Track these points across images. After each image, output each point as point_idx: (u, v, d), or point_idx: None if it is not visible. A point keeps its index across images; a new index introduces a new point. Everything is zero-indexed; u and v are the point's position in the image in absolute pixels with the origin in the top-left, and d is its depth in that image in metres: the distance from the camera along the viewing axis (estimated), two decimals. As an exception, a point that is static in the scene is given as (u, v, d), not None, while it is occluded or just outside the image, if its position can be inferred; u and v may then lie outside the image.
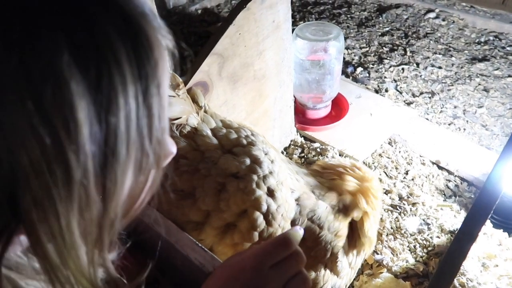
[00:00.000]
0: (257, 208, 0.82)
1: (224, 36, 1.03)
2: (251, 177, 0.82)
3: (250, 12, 1.07)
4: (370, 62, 2.06)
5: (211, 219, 0.83)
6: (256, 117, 1.29)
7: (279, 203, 0.84)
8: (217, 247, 0.84)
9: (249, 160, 0.84)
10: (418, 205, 1.31)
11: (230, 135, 0.88)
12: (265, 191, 0.83)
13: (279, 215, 0.84)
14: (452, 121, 1.73)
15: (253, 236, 0.82)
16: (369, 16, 2.39)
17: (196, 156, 0.84)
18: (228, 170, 0.83)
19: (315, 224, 0.89)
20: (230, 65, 1.09)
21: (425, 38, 2.16)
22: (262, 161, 0.84)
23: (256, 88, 1.23)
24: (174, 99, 0.81)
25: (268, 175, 0.84)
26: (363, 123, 1.63)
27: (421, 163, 1.52)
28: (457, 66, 1.98)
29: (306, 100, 1.59)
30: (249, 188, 0.82)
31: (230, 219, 0.83)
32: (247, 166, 0.83)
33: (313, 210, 0.90)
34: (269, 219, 0.83)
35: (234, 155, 0.85)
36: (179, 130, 0.83)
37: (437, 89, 1.88)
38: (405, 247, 1.22)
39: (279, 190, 0.84)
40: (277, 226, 0.84)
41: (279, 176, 0.86)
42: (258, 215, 0.82)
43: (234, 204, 0.82)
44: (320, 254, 0.90)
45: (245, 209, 0.82)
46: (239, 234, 0.82)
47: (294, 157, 1.50)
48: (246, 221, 0.82)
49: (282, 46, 1.25)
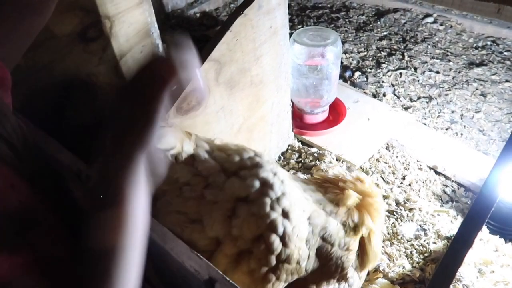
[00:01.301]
0: (273, 231, 0.79)
1: (221, 42, 1.03)
2: (263, 201, 0.80)
3: (247, 18, 1.08)
4: (368, 67, 2.06)
5: (223, 246, 0.80)
6: (253, 122, 1.29)
7: (294, 224, 0.82)
8: (231, 275, 0.81)
9: (259, 183, 0.82)
10: (415, 210, 1.31)
11: (232, 158, 0.86)
12: (280, 213, 0.81)
13: (295, 236, 0.82)
14: (450, 126, 1.73)
15: (270, 260, 0.79)
16: (367, 21, 2.40)
17: (200, 182, 0.82)
18: (236, 195, 0.81)
19: (327, 242, 0.88)
20: (227, 71, 1.10)
21: (423, 42, 2.17)
22: (273, 183, 0.82)
23: (253, 93, 1.23)
24: (166, 130, 0.80)
25: (281, 197, 0.82)
26: (360, 128, 1.63)
27: (418, 168, 1.53)
28: (455, 71, 1.99)
29: (304, 105, 1.59)
30: (263, 212, 0.79)
31: (244, 246, 0.80)
32: (258, 190, 0.81)
33: (324, 228, 0.88)
34: (286, 241, 0.80)
35: (240, 178, 0.83)
36: (176, 159, 0.82)
37: (434, 94, 1.88)
38: (402, 253, 1.22)
39: (293, 211, 0.83)
40: (293, 247, 0.82)
41: (291, 196, 0.84)
42: (275, 238, 0.79)
43: (247, 230, 0.79)
44: (331, 270, 0.89)
45: (260, 234, 0.80)
46: (255, 260, 0.80)
47: (292, 162, 1.51)
48: (263, 245, 0.79)
49: (279, 51, 1.25)
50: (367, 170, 1.50)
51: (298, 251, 0.82)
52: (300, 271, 0.84)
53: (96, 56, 1.53)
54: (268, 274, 0.80)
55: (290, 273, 0.82)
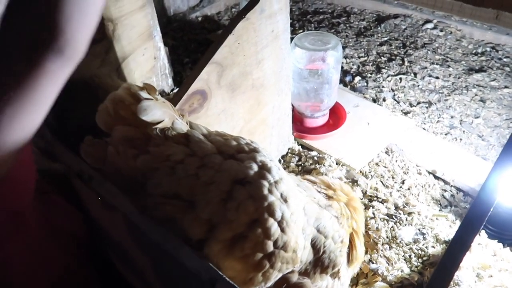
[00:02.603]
0: (271, 214, 0.75)
1: (223, 45, 1.04)
2: (261, 183, 0.76)
3: (250, 22, 1.09)
4: (368, 72, 2.07)
5: (216, 232, 0.76)
6: (254, 125, 1.30)
7: (292, 210, 0.79)
8: (223, 262, 0.77)
9: (257, 166, 0.79)
10: (414, 214, 1.32)
11: (229, 142, 0.83)
12: (278, 197, 0.78)
13: (293, 222, 0.79)
14: (449, 131, 1.74)
15: (266, 246, 0.76)
16: (367, 26, 2.42)
17: (194, 162, 0.78)
18: (233, 176, 0.77)
19: (321, 234, 0.88)
20: (229, 74, 1.11)
21: (422, 48, 2.18)
22: (271, 167, 0.79)
23: (254, 96, 1.24)
24: (152, 102, 0.76)
25: (279, 181, 0.79)
26: (360, 132, 1.64)
27: (417, 172, 1.54)
28: (454, 77, 2.00)
29: (304, 109, 1.60)
30: (261, 194, 0.76)
31: (239, 229, 0.76)
32: (256, 172, 0.78)
33: (319, 219, 0.88)
34: (283, 227, 0.77)
35: (237, 160, 0.79)
36: (163, 134, 0.78)
37: (434, 99, 1.89)
38: (401, 257, 1.22)
39: (291, 197, 0.80)
40: (291, 234, 0.79)
41: (288, 183, 0.82)
42: (272, 223, 0.76)
43: (244, 212, 0.75)
44: (324, 263, 0.89)
45: (256, 218, 0.76)
46: (250, 245, 0.75)
47: (292, 165, 1.51)
48: (259, 230, 0.75)
49: (280, 55, 1.27)
50: (367, 174, 1.50)
51: (296, 239, 0.80)
52: (296, 260, 0.82)
53: (99, 58, 1.54)
54: (262, 261, 0.77)
55: (285, 262, 0.79)
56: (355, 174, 1.47)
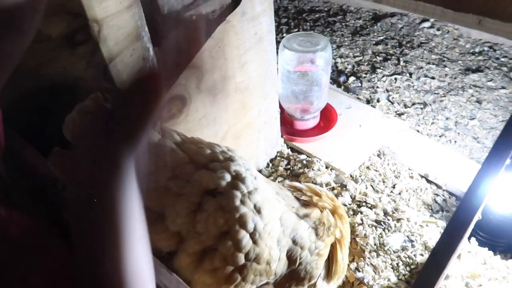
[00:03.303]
0: (242, 226, 0.74)
1: (202, 49, 1.01)
2: (233, 193, 0.75)
3: (230, 25, 1.06)
4: (363, 72, 2.04)
5: (185, 244, 0.75)
6: (239, 129, 1.28)
7: (266, 221, 0.78)
8: (193, 275, 0.76)
9: (230, 176, 0.78)
10: (403, 221, 1.29)
11: (203, 151, 0.82)
12: (251, 208, 0.76)
13: (266, 234, 0.77)
14: (444, 133, 1.70)
15: (237, 258, 0.75)
16: (364, 25, 2.38)
17: (165, 173, 0.77)
18: (204, 187, 0.76)
19: (297, 245, 0.86)
20: (210, 78, 1.08)
21: (419, 47, 2.14)
22: (245, 177, 0.78)
23: (238, 100, 1.21)
24: None
25: (254, 191, 0.78)
26: (351, 135, 1.61)
27: (409, 176, 1.50)
28: (451, 77, 1.96)
29: (294, 111, 1.57)
30: (232, 205, 0.74)
31: (209, 242, 0.75)
32: (228, 183, 0.77)
33: (295, 229, 0.86)
34: (256, 239, 0.76)
35: (209, 170, 0.79)
36: None
37: (429, 100, 1.86)
38: (388, 265, 1.19)
39: (266, 208, 0.79)
40: (264, 246, 0.77)
41: (264, 193, 0.81)
42: (244, 235, 0.75)
43: (213, 225, 0.74)
44: (300, 276, 0.87)
45: (226, 230, 0.75)
46: (219, 258, 0.75)
47: (280, 169, 1.49)
48: (229, 242, 0.74)
49: (265, 58, 1.24)
50: (357, 178, 1.47)
51: (269, 250, 0.78)
52: (270, 273, 0.80)
53: (84, 59, 1.51)
54: (233, 274, 0.76)
55: (258, 274, 0.78)
56: (344, 178, 1.44)
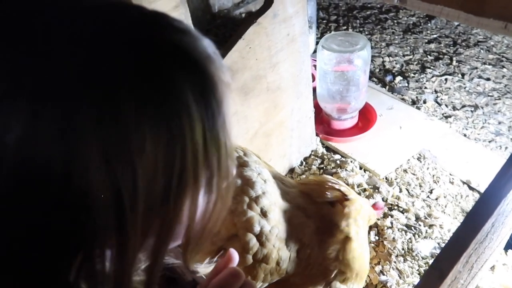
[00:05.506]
0: (249, 229, 0.80)
1: (233, 50, 1.06)
2: (242, 198, 0.82)
3: (261, 26, 1.09)
4: (411, 71, 1.97)
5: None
6: (271, 127, 1.31)
7: (272, 224, 0.83)
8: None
9: (240, 181, 0.84)
10: (435, 227, 1.25)
11: None
12: (258, 212, 0.82)
13: (273, 236, 0.83)
14: (494, 138, 1.61)
15: (245, 259, 0.80)
16: (417, 22, 2.29)
17: None
18: None
19: (305, 245, 0.88)
20: (240, 78, 1.12)
21: (475, 46, 2.02)
22: (255, 182, 0.84)
23: (270, 99, 1.25)
24: None
25: (261, 196, 0.83)
26: (390, 137, 1.58)
27: (449, 181, 1.44)
28: (508, 78, 1.83)
29: (331, 111, 1.57)
30: (240, 209, 0.81)
31: (220, 243, 0.82)
32: (238, 188, 0.83)
33: (303, 230, 0.89)
34: (263, 240, 0.81)
35: None
36: None
37: (481, 103, 1.76)
38: (414, 271, 1.17)
39: (273, 211, 0.84)
40: (272, 247, 0.83)
41: (272, 197, 0.85)
42: (251, 237, 0.80)
43: (224, 227, 0.81)
44: (314, 274, 0.89)
45: (235, 232, 0.81)
46: None
47: (313, 168, 1.50)
48: (237, 244, 0.80)
49: (298, 58, 1.26)
50: (392, 180, 1.44)
51: (278, 251, 0.83)
52: (281, 272, 0.85)
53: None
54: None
55: (269, 273, 0.83)
56: (378, 180, 1.42)
